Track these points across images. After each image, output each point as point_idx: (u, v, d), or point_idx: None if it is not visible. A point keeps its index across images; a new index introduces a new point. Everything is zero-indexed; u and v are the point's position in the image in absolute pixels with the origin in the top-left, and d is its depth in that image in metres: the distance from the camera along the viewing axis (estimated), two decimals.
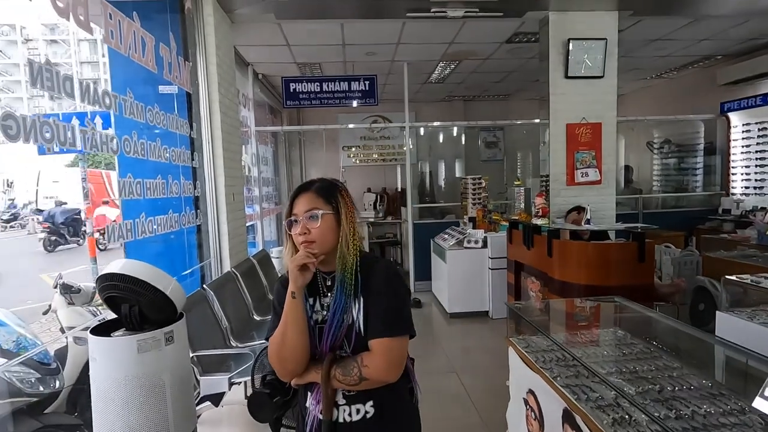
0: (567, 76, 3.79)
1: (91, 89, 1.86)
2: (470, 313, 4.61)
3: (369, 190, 7.63)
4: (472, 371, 3.34)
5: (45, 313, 3.02)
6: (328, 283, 1.12)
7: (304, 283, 1.05)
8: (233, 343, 2.76)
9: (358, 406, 1.06)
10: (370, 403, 1.07)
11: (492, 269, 4.54)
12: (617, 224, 3.61)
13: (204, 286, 2.82)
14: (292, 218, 1.09)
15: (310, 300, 1.12)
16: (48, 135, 1.54)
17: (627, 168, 6.79)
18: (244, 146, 4.62)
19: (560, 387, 1.43)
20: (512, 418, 1.96)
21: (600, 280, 2.98)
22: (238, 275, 3.32)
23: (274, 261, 4.79)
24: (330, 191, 1.11)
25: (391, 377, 1.03)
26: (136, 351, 1.39)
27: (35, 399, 1.97)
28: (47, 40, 41.69)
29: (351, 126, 6.71)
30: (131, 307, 1.35)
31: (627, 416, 1.24)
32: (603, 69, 3.80)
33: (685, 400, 1.30)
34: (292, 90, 5.21)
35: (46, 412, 2.09)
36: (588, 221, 3.29)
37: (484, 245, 4.59)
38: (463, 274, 4.61)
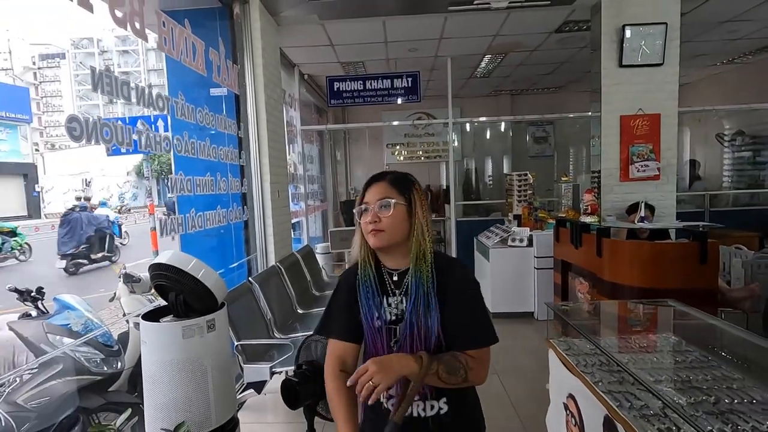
0: (621, 65, 3.56)
1: (146, 93, 2.00)
2: (514, 314, 4.47)
3: None
4: (514, 373, 3.24)
5: (111, 300, 3.31)
6: (395, 278, 1.08)
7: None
8: (276, 335, 2.86)
9: (432, 402, 1.05)
10: (444, 399, 1.05)
11: (537, 269, 4.38)
12: (675, 222, 3.34)
13: (250, 278, 2.95)
14: (363, 206, 1.07)
15: (378, 299, 1.07)
16: (108, 136, 1.68)
17: (692, 162, 6.28)
18: (290, 145, 4.77)
19: (601, 393, 1.36)
20: (552, 423, 1.88)
21: (655, 282, 2.78)
22: (282, 269, 3.44)
23: (318, 257, 4.92)
24: (404, 183, 1.08)
25: (484, 381, 1.05)
26: (181, 336, 1.47)
27: (99, 378, 2.15)
28: (119, 51, 45.40)
29: (395, 123, 6.72)
30: (177, 295, 1.44)
31: (674, 427, 1.15)
32: (662, 56, 3.52)
33: (745, 414, 1.18)
34: (336, 89, 5.31)
35: (109, 390, 2.29)
36: (642, 219, 3.07)
37: (530, 244, 4.43)
38: (507, 273, 4.48)
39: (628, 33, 3.50)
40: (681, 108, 3.75)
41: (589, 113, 4.08)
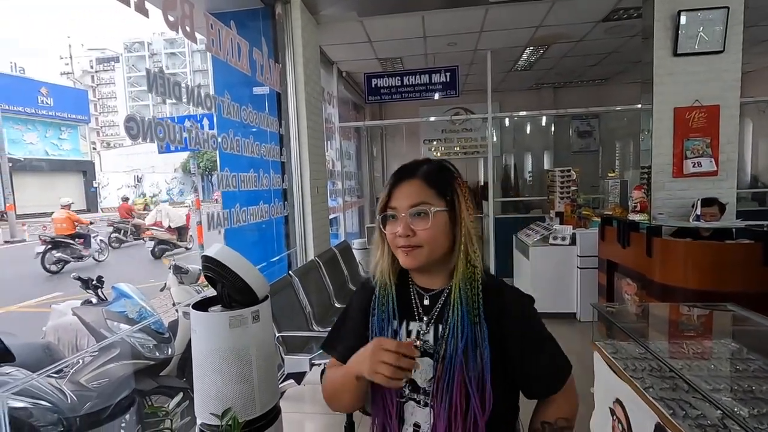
0: (676, 54, 3.34)
1: (195, 93, 2.10)
2: (555, 314, 4.34)
3: None
4: None
5: (162, 290, 3.51)
6: (426, 302, 0.86)
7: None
8: (315, 327, 2.93)
9: None
10: None
11: (581, 268, 4.22)
12: (736, 222, 3.11)
13: (290, 272, 3.03)
14: (389, 213, 0.83)
15: (394, 323, 0.87)
16: (161, 135, 1.77)
17: None
18: (328, 142, 4.84)
19: (652, 399, 1.29)
20: (597, 428, 1.81)
21: (711, 284, 2.61)
22: (321, 264, 3.51)
23: (355, 252, 4.97)
24: (444, 179, 0.84)
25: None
26: (228, 326, 1.53)
27: (152, 362, 2.29)
28: (167, 53, 47.73)
29: (432, 119, 6.66)
30: (223, 287, 1.50)
31: None
32: (723, 42, 3.28)
33: None
34: (373, 85, 5.33)
35: (161, 374, 2.43)
36: (698, 218, 2.89)
37: (572, 242, 4.28)
38: (548, 272, 4.35)
39: (683, 19, 3.29)
40: (743, 98, 3.48)
41: (639, 106, 3.87)
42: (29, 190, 19.40)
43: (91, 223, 8.74)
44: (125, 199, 11.67)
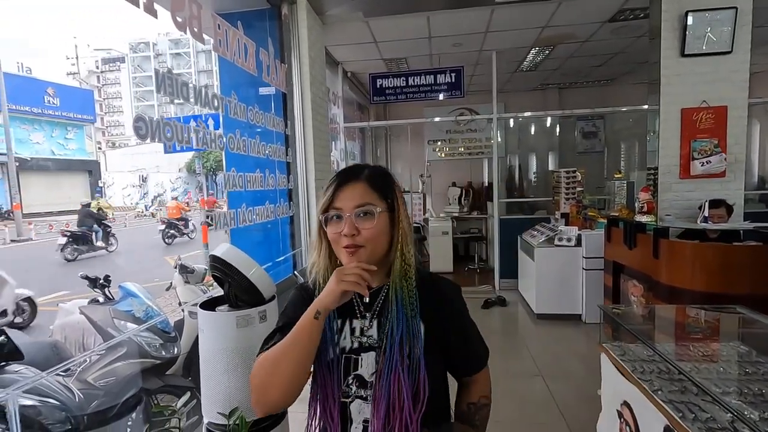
0: (684, 54, 3.33)
1: (203, 93, 2.10)
2: (560, 316, 4.32)
3: (454, 185, 7.53)
4: (561, 376, 3.14)
5: (167, 289, 3.52)
6: (366, 300, 0.89)
7: (338, 304, 0.81)
8: None
9: None
10: None
11: (586, 269, 4.20)
12: (744, 223, 3.09)
13: (295, 272, 3.03)
14: (332, 213, 0.85)
15: (337, 321, 0.89)
16: (169, 134, 1.78)
17: None
18: (333, 142, 4.85)
19: (661, 402, 1.28)
20: (604, 431, 1.80)
21: (719, 287, 2.59)
22: None
23: None
24: (385, 182, 0.89)
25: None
26: (235, 325, 1.53)
27: (158, 362, 2.30)
28: (172, 54, 47.99)
29: (437, 119, 6.66)
30: (230, 286, 1.51)
31: None
32: (731, 43, 3.26)
33: None
34: (378, 86, 5.33)
35: (167, 373, 2.44)
36: (706, 219, 2.87)
37: (578, 243, 4.26)
38: (553, 273, 4.33)
39: (691, 20, 3.27)
40: (751, 99, 3.45)
41: (645, 106, 3.86)
42: (35, 189, 19.55)
43: (188, 211, 12.76)
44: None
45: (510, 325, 4.43)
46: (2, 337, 1.75)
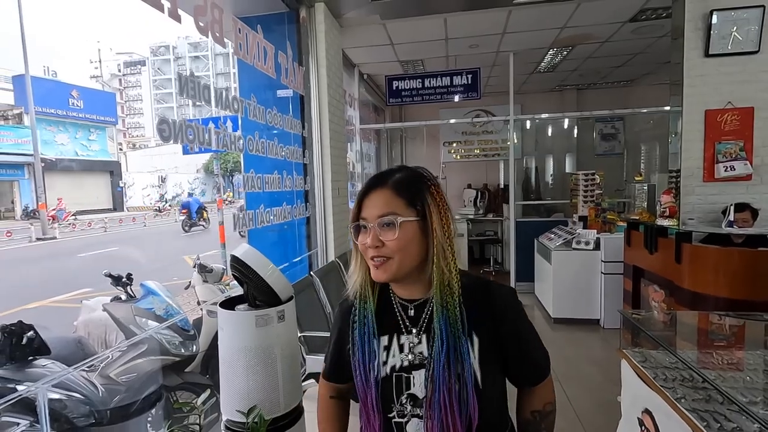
0: (708, 54, 3.25)
1: (223, 96, 2.14)
2: (577, 320, 4.26)
3: (469, 186, 7.48)
4: (578, 382, 3.09)
5: (186, 288, 3.59)
6: (411, 313, 0.84)
7: None
8: None
9: None
10: None
11: (605, 274, 4.13)
12: None
13: (311, 273, 3.06)
14: (360, 222, 0.81)
15: (384, 339, 0.84)
16: (191, 136, 1.82)
17: None
18: (348, 143, 4.87)
19: (685, 411, 1.26)
20: None
21: (744, 293, 2.52)
22: (341, 265, 3.53)
23: None
24: (414, 188, 0.81)
25: None
26: (254, 325, 1.55)
27: (178, 359, 2.35)
28: (191, 57, 48.94)
29: (452, 121, 6.64)
30: (248, 287, 1.53)
31: None
32: (759, 42, 3.17)
33: None
34: (394, 88, 5.34)
35: (186, 371, 2.48)
36: (731, 224, 2.79)
37: (596, 247, 4.19)
38: (571, 277, 4.27)
39: (715, 19, 3.19)
40: None
41: (667, 108, 3.77)
42: (59, 189, 20.13)
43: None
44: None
45: None
46: (31, 332, 1.81)
